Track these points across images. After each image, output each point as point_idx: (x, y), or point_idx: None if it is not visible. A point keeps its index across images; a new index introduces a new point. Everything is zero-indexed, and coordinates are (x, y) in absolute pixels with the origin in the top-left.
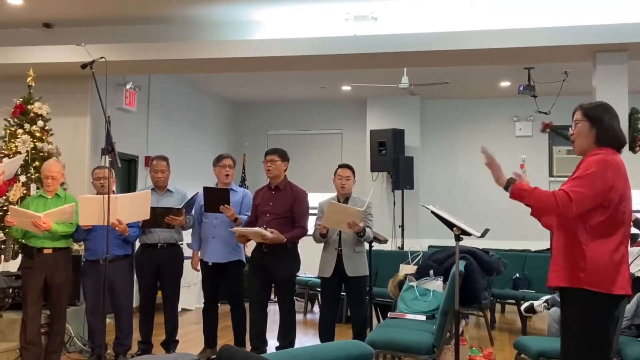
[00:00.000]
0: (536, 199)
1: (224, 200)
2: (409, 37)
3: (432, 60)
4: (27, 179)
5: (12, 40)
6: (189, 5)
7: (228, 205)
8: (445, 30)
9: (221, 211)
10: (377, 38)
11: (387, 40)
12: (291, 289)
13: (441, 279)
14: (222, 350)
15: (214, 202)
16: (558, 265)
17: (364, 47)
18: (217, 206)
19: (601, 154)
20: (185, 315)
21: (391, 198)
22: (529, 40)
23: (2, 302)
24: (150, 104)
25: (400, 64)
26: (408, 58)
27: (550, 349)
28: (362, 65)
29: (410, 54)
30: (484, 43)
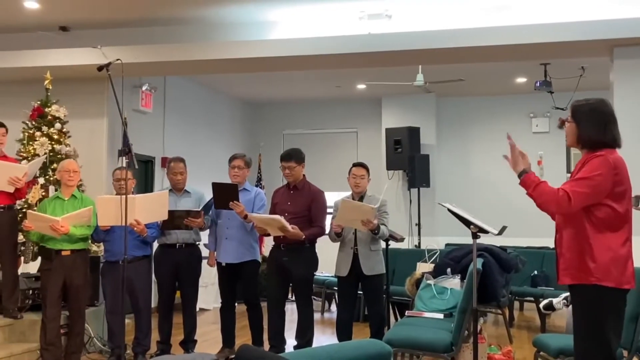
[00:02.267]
0: (539, 192)
1: (233, 196)
2: (424, 35)
3: (447, 57)
4: (45, 181)
5: (29, 43)
6: (204, 6)
7: (237, 201)
8: (460, 27)
9: (230, 207)
10: (392, 36)
11: (401, 38)
12: (309, 288)
13: (459, 277)
14: (240, 349)
15: (223, 198)
16: (566, 263)
17: (378, 45)
18: (226, 202)
19: (603, 154)
20: (203, 315)
21: (407, 196)
22: (545, 36)
23: (22, 303)
24: (166, 105)
25: (415, 62)
26: (423, 56)
27: (570, 346)
28: (377, 64)
29: (425, 51)
30: (500, 39)
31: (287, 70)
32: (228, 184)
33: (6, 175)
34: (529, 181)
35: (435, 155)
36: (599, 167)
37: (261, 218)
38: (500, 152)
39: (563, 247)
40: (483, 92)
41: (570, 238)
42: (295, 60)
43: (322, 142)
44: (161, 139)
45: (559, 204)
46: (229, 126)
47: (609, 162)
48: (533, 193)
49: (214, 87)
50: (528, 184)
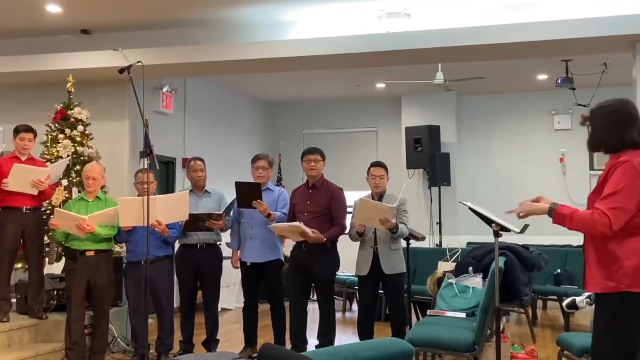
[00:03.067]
0: (576, 224)
1: (256, 195)
2: (443, 33)
3: (467, 55)
4: (68, 182)
5: (52, 47)
6: (223, 7)
7: (260, 200)
8: (480, 24)
9: (254, 206)
10: (411, 34)
11: (420, 37)
12: (331, 288)
13: (480, 276)
14: (263, 348)
15: (246, 197)
16: (592, 271)
17: (397, 44)
18: (249, 201)
19: (627, 160)
20: (225, 314)
21: (428, 195)
22: (567, 32)
23: (47, 303)
24: (187, 106)
25: (434, 60)
26: (442, 54)
27: None
28: (396, 62)
29: (444, 49)
30: (521, 36)
31: (306, 70)
32: (251, 183)
33: (29, 178)
34: (561, 216)
35: (455, 153)
36: (624, 177)
37: (281, 227)
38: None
39: (589, 255)
40: (504, 90)
41: (597, 244)
42: (314, 60)
43: (342, 141)
44: (182, 140)
45: (599, 227)
46: (248, 126)
47: (634, 168)
48: (571, 226)
49: (233, 87)
50: (563, 220)
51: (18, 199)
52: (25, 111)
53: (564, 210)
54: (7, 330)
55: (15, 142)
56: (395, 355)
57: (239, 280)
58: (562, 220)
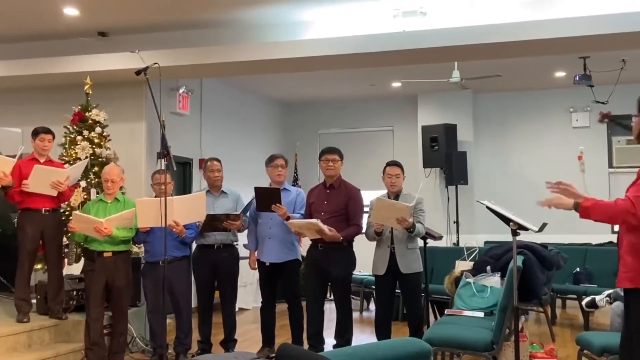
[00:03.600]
0: (599, 214)
1: (275, 199)
2: (459, 31)
3: (483, 53)
4: (87, 184)
5: (70, 49)
6: (239, 8)
7: (279, 204)
8: (496, 22)
9: (273, 210)
10: (427, 33)
11: (436, 35)
12: (347, 287)
13: (499, 275)
14: (281, 348)
15: (265, 201)
16: (627, 266)
17: (413, 42)
18: (268, 205)
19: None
20: (242, 314)
21: (445, 194)
22: (585, 29)
23: (67, 304)
24: (203, 107)
25: (450, 59)
26: (459, 52)
27: (614, 344)
28: (412, 61)
29: (460, 47)
30: (537, 33)
31: (322, 70)
32: (271, 188)
33: (49, 179)
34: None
35: (472, 152)
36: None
37: (298, 223)
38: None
39: (623, 250)
40: (521, 87)
41: (630, 240)
42: (330, 59)
43: (358, 140)
44: (198, 141)
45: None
46: (264, 127)
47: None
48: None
49: (249, 88)
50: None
51: (37, 201)
52: (44, 113)
53: (587, 203)
54: (28, 331)
55: (35, 143)
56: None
57: (256, 280)
58: (587, 213)
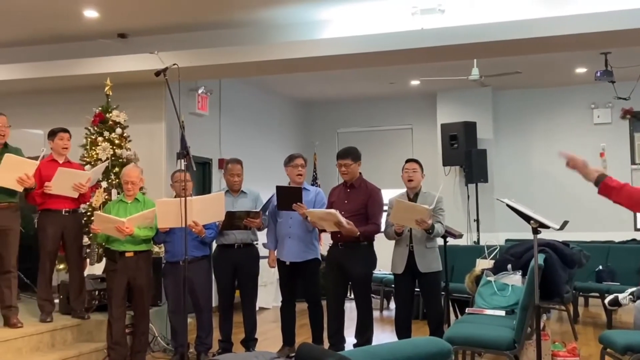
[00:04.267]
0: (623, 197)
1: (296, 198)
2: (478, 28)
3: (502, 50)
4: (108, 184)
5: (90, 51)
6: (257, 8)
7: (300, 203)
8: (516, 18)
9: (294, 209)
10: (445, 30)
11: (455, 32)
12: (367, 286)
13: (520, 273)
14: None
15: (286, 200)
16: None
17: (432, 40)
18: (289, 204)
19: None
20: (262, 313)
21: (465, 192)
22: (606, 25)
23: (89, 304)
24: (222, 107)
25: (470, 56)
26: (478, 49)
27: (638, 342)
28: (431, 59)
29: (480, 45)
30: (558, 30)
31: (340, 69)
32: (293, 187)
33: (71, 181)
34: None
35: (492, 149)
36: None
37: (317, 213)
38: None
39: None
40: (541, 84)
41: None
42: (348, 58)
43: (377, 139)
44: (217, 141)
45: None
46: (283, 126)
47: None
48: (618, 199)
49: (268, 88)
50: (610, 192)
51: (57, 202)
52: (65, 115)
53: (612, 183)
54: (51, 331)
55: (54, 143)
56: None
57: (277, 279)
58: (609, 192)
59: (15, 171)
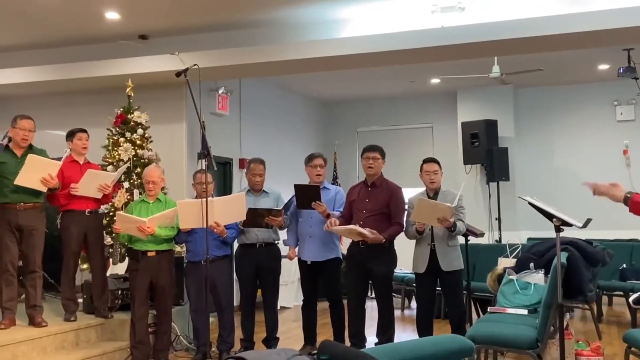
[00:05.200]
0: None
1: (315, 196)
2: (499, 25)
3: (523, 47)
4: (130, 185)
5: (111, 53)
6: (277, 8)
7: (319, 201)
8: (537, 15)
9: (313, 207)
10: (466, 28)
11: (476, 30)
12: (389, 285)
13: (542, 272)
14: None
15: (305, 198)
16: None
17: (452, 38)
18: (308, 203)
19: None
20: (284, 312)
21: (486, 190)
22: (628, 20)
23: (112, 303)
24: (242, 107)
25: (490, 54)
26: (499, 47)
27: None
28: (451, 57)
29: (500, 42)
30: (579, 26)
31: (360, 68)
32: (310, 185)
33: (97, 183)
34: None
35: (514, 148)
36: None
37: (338, 230)
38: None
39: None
40: (563, 81)
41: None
42: (368, 57)
43: (397, 138)
44: (238, 141)
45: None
46: (303, 125)
47: None
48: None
49: (288, 87)
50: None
51: (80, 202)
52: (87, 116)
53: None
54: (75, 330)
55: (74, 143)
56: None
57: (298, 278)
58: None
59: (39, 171)
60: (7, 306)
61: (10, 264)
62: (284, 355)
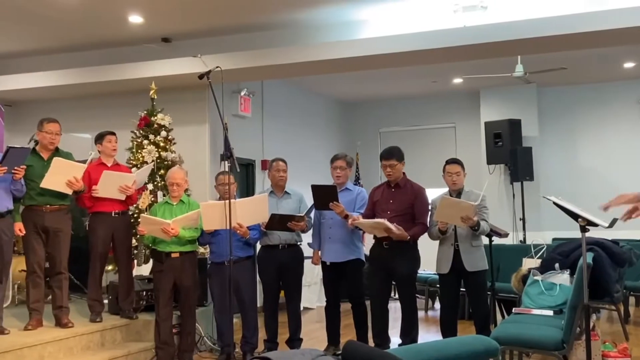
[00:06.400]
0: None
1: (332, 197)
2: (522, 24)
3: (547, 46)
4: (154, 187)
5: (135, 56)
6: (297, 9)
7: (337, 201)
8: (561, 13)
9: (331, 208)
10: (488, 27)
11: (498, 29)
12: (413, 286)
13: (568, 272)
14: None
15: (322, 199)
16: None
17: (474, 37)
18: (326, 203)
19: None
20: (307, 314)
21: (510, 190)
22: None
23: (137, 304)
24: (264, 108)
25: (513, 53)
26: (522, 46)
27: None
28: (474, 57)
29: (524, 41)
30: (604, 24)
31: (382, 68)
32: (327, 186)
33: (116, 184)
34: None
35: (538, 147)
36: None
37: (365, 223)
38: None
39: None
40: (588, 80)
41: None
42: (390, 57)
43: (420, 138)
44: (260, 142)
45: None
46: (325, 126)
47: None
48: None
49: (309, 88)
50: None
51: (107, 204)
52: (112, 119)
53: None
54: (101, 330)
55: (103, 146)
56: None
57: (320, 279)
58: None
59: (64, 174)
60: (34, 307)
61: (37, 266)
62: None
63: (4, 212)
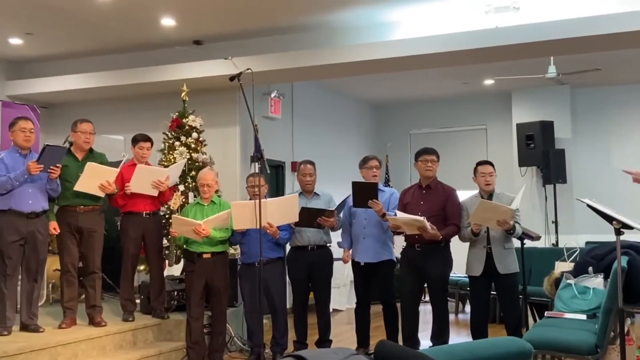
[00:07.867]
0: None
1: (373, 194)
2: (555, 25)
3: (580, 47)
4: (185, 187)
5: (167, 58)
6: (328, 11)
7: (376, 199)
8: (594, 13)
9: (369, 206)
10: (520, 28)
11: (531, 30)
12: (445, 288)
13: (601, 276)
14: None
15: (362, 196)
16: None
17: (506, 38)
18: (365, 201)
19: None
20: (336, 315)
21: (542, 193)
22: None
23: (168, 304)
24: (294, 110)
25: (546, 54)
26: (555, 46)
27: None
28: (506, 58)
29: (556, 42)
30: (638, 24)
31: (412, 70)
32: (368, 183)
33: (150, 179)
34: None
35: (571, 149)
36: None
37: (403, 219)
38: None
39: None
40: (622, 81)
41: None
42: (420, 59)
43: (450, 140)
44: (290, 144)
45: None
46: (355, 128)
47: None
48: None
49: (339, 90)
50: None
51: (138, 204)
52: (144, 121)
53: None
54: (133, 330)
55: (135, 150)
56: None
57: (350, 281)
58: None
59: (97, 178)
60: (68, 306)
61: (70, 265)
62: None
63: (39, 211)
